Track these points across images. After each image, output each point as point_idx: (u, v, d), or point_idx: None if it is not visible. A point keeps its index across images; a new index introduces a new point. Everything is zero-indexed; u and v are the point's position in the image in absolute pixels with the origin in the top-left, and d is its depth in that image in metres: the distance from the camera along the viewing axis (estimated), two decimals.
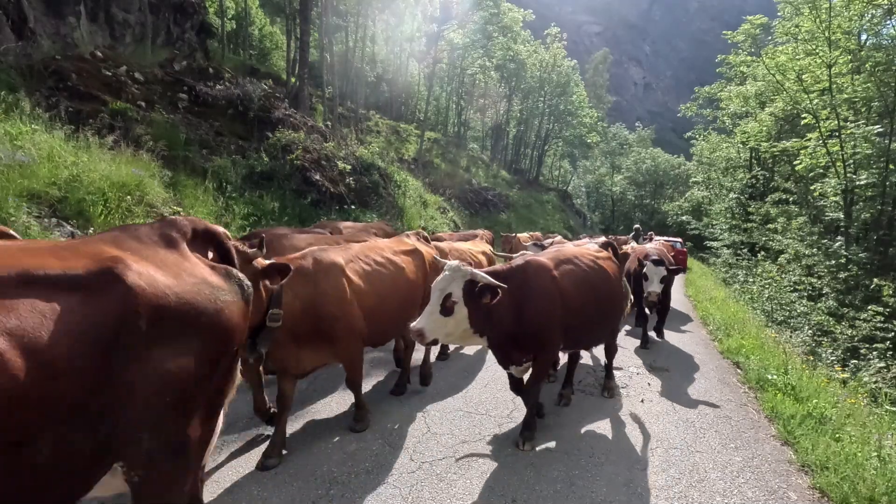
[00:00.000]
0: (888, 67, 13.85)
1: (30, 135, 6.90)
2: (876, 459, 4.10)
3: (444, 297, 3.48)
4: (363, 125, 24.58)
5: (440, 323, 3.48)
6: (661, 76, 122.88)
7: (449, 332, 3.57)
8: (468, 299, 3.52)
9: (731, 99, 24.44)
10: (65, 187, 6.47)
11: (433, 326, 3.45)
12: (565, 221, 37.62)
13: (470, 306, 3.53)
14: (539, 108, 42.31)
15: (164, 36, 14.57)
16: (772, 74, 18.86)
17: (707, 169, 30.70)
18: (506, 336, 3.83)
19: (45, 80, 9.16)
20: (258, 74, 18.80)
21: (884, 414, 5.70)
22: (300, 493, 3.20)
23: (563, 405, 4.96)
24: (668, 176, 49.21)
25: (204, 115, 12.01)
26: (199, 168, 10.03)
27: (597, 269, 4.55)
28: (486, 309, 3.57)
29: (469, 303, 3.52)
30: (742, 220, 22.86)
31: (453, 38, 33.37)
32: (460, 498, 3.27)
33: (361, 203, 13.52)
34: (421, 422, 4.39)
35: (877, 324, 10.21)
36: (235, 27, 24.73)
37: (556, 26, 41.88)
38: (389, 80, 33.53)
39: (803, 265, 15.41)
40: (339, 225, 7.74)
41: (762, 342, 8.15)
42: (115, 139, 8.17)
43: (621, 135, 55.30)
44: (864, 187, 14.22)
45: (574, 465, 3.83)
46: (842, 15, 15.08)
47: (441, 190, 22.41)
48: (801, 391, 5.74)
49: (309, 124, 15.06)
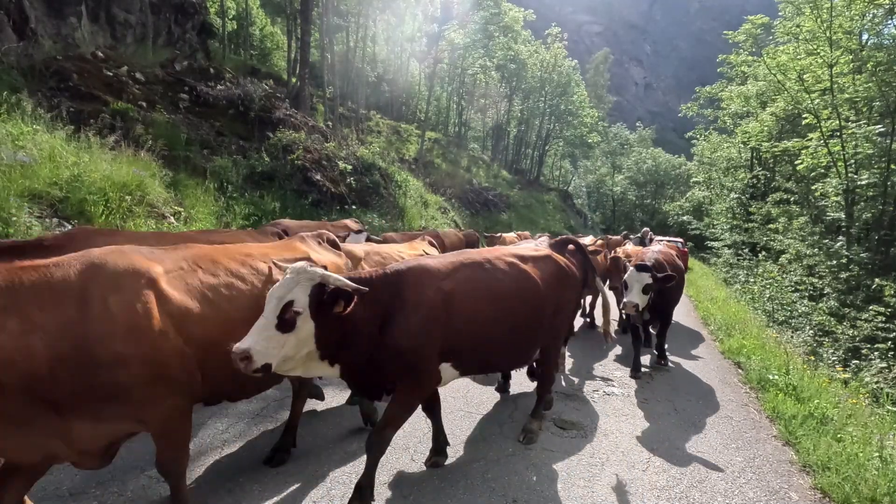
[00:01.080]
0: (889, 67, 13.84)
1: (31, 135, 6.92)
2: (878, 460, 4.09)
3: (282, 307, 2.53)
4: (364, 125, 24.60)
5: (275, 342, 2.51)
6: (662, 76, 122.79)
7: (287, 354, 2.59)
8: (317, 309, 2.62)
9: (732, 99, 24.45)
10: (66, 187, 6.48)
11: (265, 347, 2.47)
12: (566, 221, 37.62)
13: (318, 319, 2.64)
14: (540, 108, 42.34)
15: (165, 36, 14.58)
16: (773, 74, 18.84)
17: (708, 169, 30.68)
18: (365, 361, 2.95)
19: (46, 80, 9.18)
20: (259, 74, 18.82)
21: (885, 414, 5.70)
22: (300, 493, 3.20)
23: (524, 442, 4.11)
24: (669, 176, 49.20)
25: (205, 115, 12.03)
26: (199, 168, 10.04)
27: (516, 276, 3.60)
28: (339, 324, 2.73)
29: (318, 314, 2.63)
30: (743, 220, 22.85)
31: (454, 38, 33.39)
32: (460, 498, 3.27)
33: (362, 203, 13.53)
34: (421, 422, 4.38)
35: (878, 324, 10.21)
36: (236, 27, 24.76)
37: (556, 26, 41.93)
38: (390, 80, 33.55)
39: (804, 265, 15.39)
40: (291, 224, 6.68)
41: (763, 342, 8.14)
42: (116, 139, 8.19)
43: (622, 135, 55.32)
44: (865, 187, 14.21)
45: (574, 465, 3.82)
46: (843, 15, 15.07)
47: (442, 190, 22.42)
48: (802, 391, 5.73)
49: (310, 124, 15.08)
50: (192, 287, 2.60)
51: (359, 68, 28.19)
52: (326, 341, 2.74)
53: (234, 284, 2.79)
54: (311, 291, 2.62)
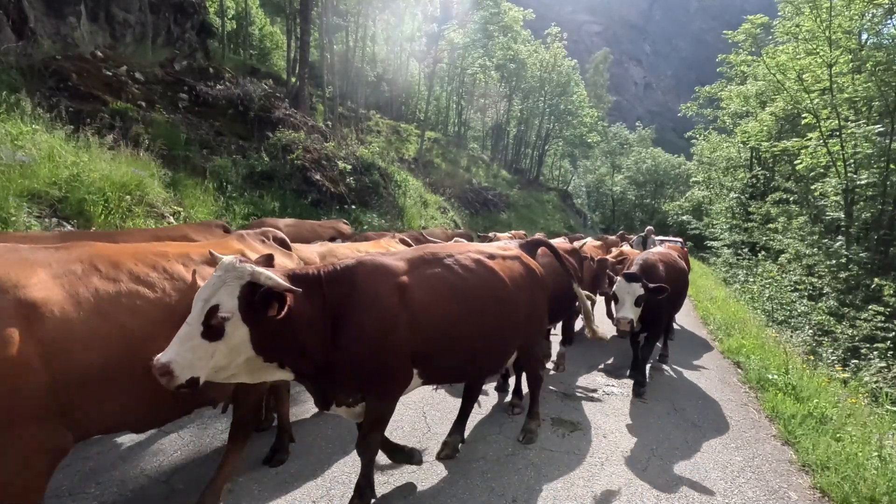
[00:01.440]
0: (889, 67, 13.85)
1: (30, 135, 6.91)
2: (877, 459, 4.10)
3: (207, 312, 2.20)
4: (363, 125, 24.58)
5: (202, 352, 2.18)
6: (662, 76, 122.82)
7: (220, 364, 2.26)
8: (248, 312, 2.29)
9: (731, 98, 24.48)
10: (65, 187, 6.48)
11: (189, 359, 2.13)
12: (565, 221, 37.63)
13: (252, 323, 2.31)
14: (539, 107, 42.35)
15: (164, 36, 14.57)
16: (772, 74, 18.86)
17: (707, 169, 30.73)
18: (320, 366, 2.63)
19: (45, 79, 9.17)
20: (258, 74, 18.81)
21: (884, 414, 5.71)
22: (300, 492, 3.20)
23: (523, 441, 4.08)
24: (669, 176, 49.25)
25: (204, 114, 12.03)
26: (199, 168, 10.04)
27: (483, 274, 3.24)
28: (280, 326, 2.36)
29: (250, 318, 2.30)
30: (742, 219, 22.88)
31: (453, 38, 33.39)
32: (460, 498, 3.27)
33: (362, 203, 13.52)
34: (421, 422, 4.39)
35: (877, 323, 10.22)
36: (236, 27, 24.72)
37: (556, 26, 41.92)
38: (390, 80, 33.54)
39: (804, 265, 15.40)
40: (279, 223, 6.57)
41: (763, 342, 8.15)
42: (114, 139, 8.18)
43: (622, 134, 55.35)
44: (864, 187, 14.22)
45: (574, 465, 3.82)
46: (842, 14, 15.09)
47: (441, 190, 22.42)
48: (801, 391, 5.74)
49: (309, 124, 15.07)
50: (82, 298, 2.06)
51: (358, 68, 28.18)
52: (267, 345, 2.39)
53: (140, 293, 2.27)
54: (240, 292, 2.27)
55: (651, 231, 13.63)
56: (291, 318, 2.38)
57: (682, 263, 6.68)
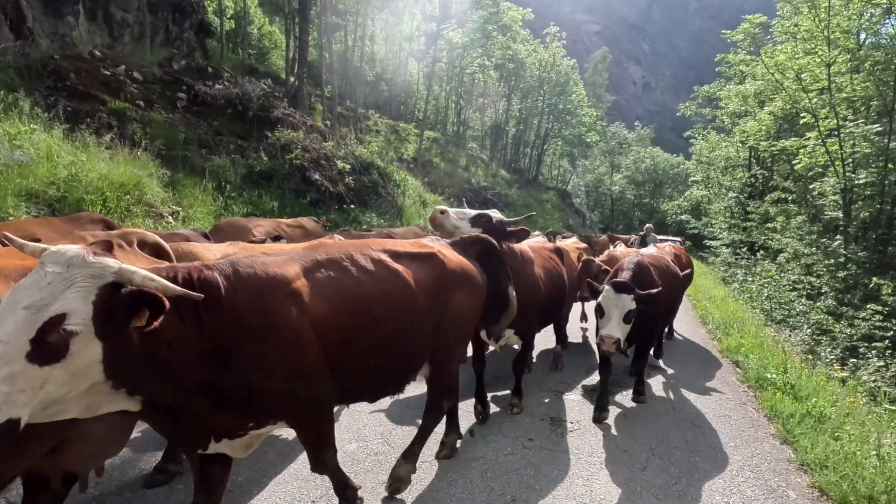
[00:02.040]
0: (887, 66, 13.87)
1: (28, 134, 6.90)
2: (875, 458, 4.11)
3: (44, 324, 1.57)
4: (362, 124, 24.57)
5: (26, 381, 1.54)
6: (661, 75, 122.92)
7: (53, 396, 1.63)
8: (106, 323, 1.69)
9: (730, 98, 24.50)
10: (63, 187, 6.47)
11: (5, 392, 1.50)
12: (564, 220, 37.66)
13: (108, 338, 1.70)
14: (538, 107, 42.38)
15: (162, 35, 14.55)
16: (771, 73, 18.87)
17: (706, 168, 30.76)
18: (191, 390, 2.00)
19: (43, 79, 9.16)
20: (257, 74, 18.79)
21: (883, 413, 5.72)
22: (300, 493, 3.20)
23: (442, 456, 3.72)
24: (668, 175, 49.25)
25: (203, 114, 12.02)
26: (198, 167, 10.03)
27: (384, 277, 2.70)
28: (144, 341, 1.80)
29: (107, 330, 1.69)
30: (741, 219, 22.89)
31: (452, 38, 33.41)
32: (459, 497, 3.27)
33: (361, 202, 13.52)
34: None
35: (876, 322, 10.22)
36: (234, 26, 24.70)
37: (555, 25, 41.96)
38: (388, 80, 33.54)
39: (802, 264, 15.41)
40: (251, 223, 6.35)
41: (761, 341, 8.16)
42: (112, 138, 8.17)
43: (620, 134, 55.32)
44: (863, 186, 14.23)
45: (574, 464, 3.83)
46: (841, 14, 15.09)
47: (440, 189, 22.44)
48: (800, 390, 5.75)
49: (308, 124, 15.06)
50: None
51: (357, 67, 28.16)
52: (123, 367, 1.77)
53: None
54: (95, 297, 1.67)
55: (651, 229, 13.27)
56: (158, 330, 1.80)
57: (674, 268, 5.86)
